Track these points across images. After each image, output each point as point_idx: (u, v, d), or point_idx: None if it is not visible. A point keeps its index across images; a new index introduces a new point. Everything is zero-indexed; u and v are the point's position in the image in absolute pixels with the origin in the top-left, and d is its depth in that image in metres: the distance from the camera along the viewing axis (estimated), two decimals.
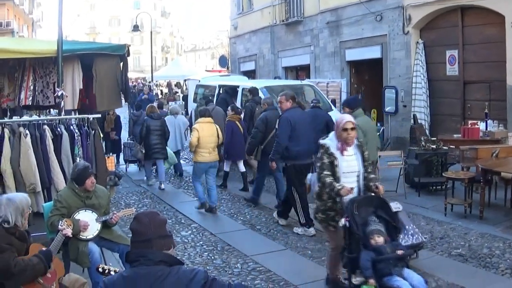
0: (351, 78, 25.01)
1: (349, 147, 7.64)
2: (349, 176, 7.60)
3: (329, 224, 7.78)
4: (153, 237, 3.95)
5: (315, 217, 8.18)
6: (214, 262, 9.93)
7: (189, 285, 3.76)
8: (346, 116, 8.04)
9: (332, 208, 7.66)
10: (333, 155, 7.56)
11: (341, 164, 7.54)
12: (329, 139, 7.78)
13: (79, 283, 6.42)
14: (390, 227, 7.16)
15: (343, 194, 7.23)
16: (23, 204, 5.93)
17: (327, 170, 7.53)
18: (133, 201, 14.42)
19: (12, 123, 10.41)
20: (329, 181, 7.40)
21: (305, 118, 11.60)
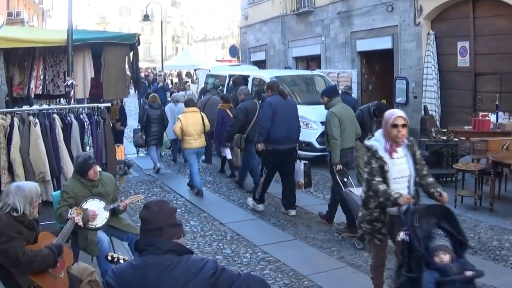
0: (362, 69, 24.95)
1: (399, 148, 6.76)
2: (399, 182, 6.74)
3: (375, 237, 6.94)
4: (162, 226, 3.92)
5: (360, 226, 7.22)
6: (223, 252, 9.94)
7: (198, 274, 3.74)
8: (396, 110, 7.06)
9: (379, 219, 6.82)
10: (382, 159, 6.63)
11: (392, 169, 6.64)
12: (376, 139, 6.83)
13: (87, 272, 6.42)
14: (455, 242, 6.18)
15: (402, 203, 6.28)
16: (32, 192, 5.92)
17: (378, 175, 6.61)
18: (143, 190, 14.42)
19: (22, 112, 10.42)
20: (383, 189, 6.46)
21: (285, 106, 12.11)
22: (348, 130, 10.97)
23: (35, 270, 5.64)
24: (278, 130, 11.79)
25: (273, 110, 11.80)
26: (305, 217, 11.96)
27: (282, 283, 8.44)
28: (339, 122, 10.78)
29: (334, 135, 10.65)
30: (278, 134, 11.80)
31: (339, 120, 10.78)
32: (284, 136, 11.87)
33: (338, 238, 10.48)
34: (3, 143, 9.96)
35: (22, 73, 12.76)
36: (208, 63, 36.16)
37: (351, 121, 11.22)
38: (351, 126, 11.14)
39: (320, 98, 13.36)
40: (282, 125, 11.82)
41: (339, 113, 10.86)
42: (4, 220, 5.64)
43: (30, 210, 5.85)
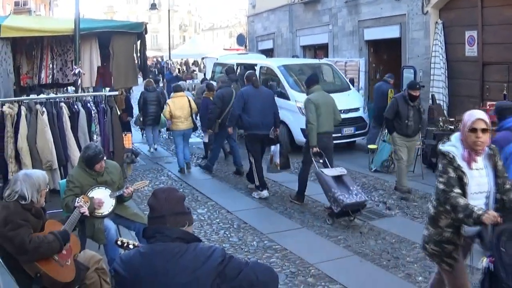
0: (370, 58, 24.86)
1: (479, 157, 5.65)
2: (477, 198, 5.60)
3: (443, 261, 5.87)
4: (169, 213, 3.92)
5: (425, 247, 6.18)
6: (230, 240, 9.97)
7: (206, 262, 3.73)
8: (476, 112, 5.81)
9: (451, 241, 5.77)
10: (461, 168, 5.55)
11: (470, 182, 5.54)
12: (452, 144, 5.78)
13: (94, 260, 6.43)
14: None
15: (488, 222, 5.13)
16: (40, 180, 5.92)
17: (456, 187, 5.50)
18: (150, 178, 14.45)
19: (29, 100, 10.45)
20: (464, 204, 5.31)
21: (257, 95, 13.09)
22: (324, 115, 11.77)
23: (41, 257, 5.64)
24: (251, 117, 12.85)
25: (245, 99, 12.91)
26: (312, 205, 11.98)
27: (289, 271, 8.45)
28: (315, 108, 11.64)
29: (310, 120, 11.60)
30: (251, 120, 12.86)
31: (315, 106, 11.65)
32: (258, 122, 12.86)
33: (345, 227, 10.50)
34: (10, 131, 9.99)
35: (29, 62, 12.80)
36: (215, 52, 36.13)
37: (328, 108, 11.97)
38: (327, 112, 11.90)
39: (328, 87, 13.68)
40: (255, 113, 12.84)
41: (315, 100, 11.76)
42: (11, 207, 5.65)
43: (37, 198, 5.85)
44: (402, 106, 12.18)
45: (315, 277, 8.22)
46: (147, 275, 3.75)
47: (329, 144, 12.19)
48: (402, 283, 7.97)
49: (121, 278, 3.86)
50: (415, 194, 12.48)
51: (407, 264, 8.63)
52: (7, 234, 5.50)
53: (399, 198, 12.23)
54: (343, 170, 11.45)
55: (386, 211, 11.50)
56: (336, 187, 10.78)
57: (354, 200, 10.56)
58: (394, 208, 11.61)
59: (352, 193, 10.71)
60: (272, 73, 18.84)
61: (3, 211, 5.66)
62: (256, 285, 3.78)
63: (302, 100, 13.93)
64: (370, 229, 10.36)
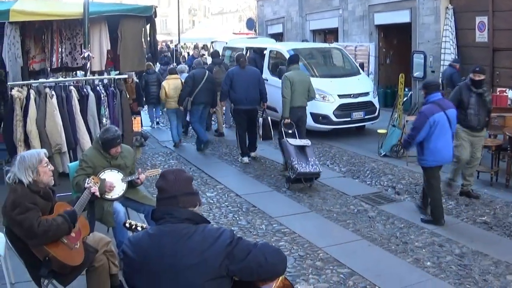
0: (380, 42, 24.79)
1: None
2: None
3: None
4: (178, 194, 3.92)
5: None
6: (239, 223, 9.99)
7: (214, 243, 3.73)
8: None
9: None
10: None
11: None
12: None
13: (103, 242, 6.43)
14: None
15: None
16: (33, 159, 5.80)
17: None
18: (159, 162, 14.49)
19: (38, 84, 10.45)
20: None
21: (243, 74, 14.69)
22: (298, 92, 13.29)
23: (50, 240, 5.63)
24: (237, 93, 14.56)
25: (231, 78, 14.65)
26: (321, 189, 11.96)
27: (297, 254, 8.46)
28: (290, 84, 13.14)
29: (284, 94, 13.16)
30: (237, 96, 14.58)
31: (291, 83, 13.15)
32: (243, 98, 14.51)
33: (354, 211, 10.51)
34: (19, 115, 10.00)
35: (37, 46, 12.79)
36: (224, 36, 36.07)
37: (303, 85, 13.47)
38: (302, 89, 13.40)
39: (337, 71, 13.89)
40: (240, 90, 14.50)
41: (291, 77, 13.23)
42: (19, 190, 5.63)
43: (35, 177, 5.75)
44: (465, 93, 11.05)
45: (324, 261, 8.23)
46: (155, 256, 3.76)
47: (302, 117, 13.62)
48: (410, 268, 7.96)
49: (130, 259, 3.87)
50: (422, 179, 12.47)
51: (416, 249, 8.61)
52: (15, 218, 5.50)
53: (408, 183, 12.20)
54: (308, 142, 12.66)
55: (395, 196, 11.48)
56: (295, 156, 12.04)
57: (308, 170, 11.82)
58: (403, 193, 11.59)
59: (309, 164, 11.95)
60: (281, 57, 18.78)
61: (11, 195, 5.64)
62: (264, 266, 3.78)
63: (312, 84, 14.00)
64: (378, 213, 10.35)
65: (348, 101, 16.98)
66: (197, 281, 3.66)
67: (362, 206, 10.77)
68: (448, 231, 9.30)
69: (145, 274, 3.79)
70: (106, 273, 6.25)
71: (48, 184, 5.96)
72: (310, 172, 11.83)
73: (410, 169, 13.33)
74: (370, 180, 12.63)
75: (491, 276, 7.61)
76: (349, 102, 17.00)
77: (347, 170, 13.54)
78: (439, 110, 9.45)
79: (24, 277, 6.68)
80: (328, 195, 11.59)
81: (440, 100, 9.69)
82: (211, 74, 16.55)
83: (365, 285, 7.43)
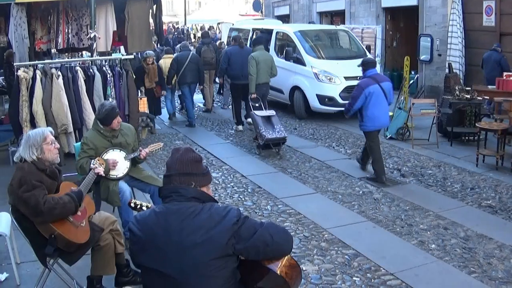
0: (387, 25, 24.65)
1: None
2: None
3: None
4: (186, 173, 3.92)
5: None
6: (244, 204, 10.00)
7: (221, 222, 3.74)
8: None
9: None
10: None
11: None
12: None
13: (109, 221, 6.42)
14: None
15: None
16: (37, 137, 5.80)
17: None
18: (164, 142, 14.44)
19: (44, 65, 10.46)
20: None
21: (239, 53, 16.31)
22: (262, 70, 15.21)
23: (56, 218, 5.64)
24: (233, 70, 16.15)
25: (228, 56, 16.25)
26: (327, 171, 11.98)
27: (303, 235, 8.48)
28: (256, 63, 15.02)
29: (251, 73, 14.99)
30: (233, 73, 16.21)
31: (256, 62, 15.03)
32: (238, 75, 16.02)
33: (359, 193, 10.53)
34: (25, 95, 10.03)
35: (44, 27, 12.80)
36: (231, 17, 35.98)
37: (267, 64, 15.41)
38: (266, 67, 15.33)
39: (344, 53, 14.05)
40: (236, 67, 16.02)
41: (256, 57, 15.09)
42: (26, 168, 5.65)
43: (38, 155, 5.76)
44: None
45: (329, 242, 8.25)
46: (162, 234, 3.77)
47: (266, 92, 15.75)
48: (415, 250, 7.97)
49: (136, 237, 3.88)
50: (429, 162, 12.47)
51: (421, 231, 8.63)
52: (22, 196, 5.51)
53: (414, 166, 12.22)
54: (273, 112, 14.24)
55: (400, 178, 11.48)
56: (263, 125, 13.47)
57: (274, 136, 13.22)
58: (408, 175, 11.59)
59: (275, 131, 13.37)
60: (288, 38, 18.73)
61: (18, 173, 5.65)
62: (271, 245, 3.78)
63: (318, 66, 14.12)
64: (384, 195, 10.36)
65: (354, 83, 16.79)
66: (203, 259, 3.67)
67: (367, 188, 10.78)
68: (453, 214, 9.31)
69: (152, 252, 3.79)
70: (111, 252, 6.27)
71: (53, 161, 5.95)
72: (276, 137, 13.23)
73: (415, 152, 13.33)
74: None
75: (496, 259, 7.62)
76: (356, 84, 16.94)
77: (352, 152, 13.52)
78: (373, 83, 11.08)
79: (30, 257, 6.73)
80: (333, 176, 11.59)
81: (376, 75, 11.50)
82: (195, 54, 17.49)
83: (370, 266, 7.45)
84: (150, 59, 15.65)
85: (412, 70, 18.54)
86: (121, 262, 6.52)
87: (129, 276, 6.57)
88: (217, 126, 16.85)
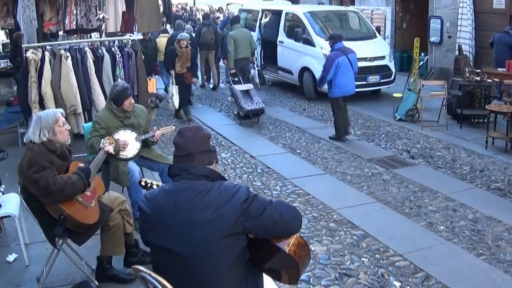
0: (396, 6, 24.48)
1: None
2: None
3: None
4: (195, 152, 3.91)
5: None
6: (253, 184, 10.02)
7: (230, 200, 3.72)
8: None
9: None
10: None
11: None
12: None
13: (118, 201, 6.42)
14: None
15: None
16: (49, 119, 5.78)
17: None
18: (174, 123, 14.46)
19: (53, 46, 10.45)
20: None
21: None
22: (241, 46, 16.61)
23: (66, 198, 5.64)
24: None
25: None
26: (336, 152, 11.99)
27: (311, 216, 8.51)
28: (234, 41, 16.40)
29: (230, 50, 16.43)
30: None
31: (234, 41, 16.41)
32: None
33: (368, 174, 10.53)
34: (34, 77, 10.01)
35: (52, 8, 12.75)
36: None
37: (245, 40, 16.83)
38: (245, 43, 16.74)
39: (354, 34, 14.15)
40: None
41: (234, 35, 16.49)
42: (36, 149, 5.63)
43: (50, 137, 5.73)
44: None
45: (337, 223, 8.27)
46: (171, 212, 3.77)
47: (245, 67, 16.94)
48: (424, 231, 7.99)
49: (146, 215, 3.89)
50: (438, 144, 12.45)
51: (429, 213, 8.63)
52: (32, 177, 5.51)
53: (423, 148, 12.22)
54: (251, 86, 15.46)
55: (409, 159, 11.47)
56: (242, 98, 14.68)
57: (253, 107, 14.53)
58: (417, 157, 11.58)
59: (254, 102, 14.66)
60: (297, 19, 18.66)
61: (28, 153, 5.64)
62: (280, 223, 3.78)
63: (327, 47, 14.07)
64: (393, 177, 10.36)
65: (364, 65, 16.86)
66: (212, 237, 3.67)
67: (376, 169, 10.78)
68: (462, 196, 9.31)
69: (161, 230, 3.80)
70: (121, 232, 6.27)
71: (65, 143, 5.93)
72: (255, 108, 14.55)
73: (425, 133, 13.31)
74: (385, 144, 12.62)
75: (504, 242, 7.63)
76: (365, 65, 16.88)
77: (362, 134, 13.53)
78: (342, 55, 12.41)
79: (39, 237, 6.79)
80: (342, 157, 11.59)
81: (343, 47, 12.67)
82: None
83: (378, 247, 7.46)
84: (184, 41, 14.53)
85: (422, 52, 18.45)
86: (130, 242, 6.53)
87: (138, 256, 6.58)
88: (226, 107, 16.85)
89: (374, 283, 6.55)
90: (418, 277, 6.69)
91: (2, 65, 14.01)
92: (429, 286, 6.48)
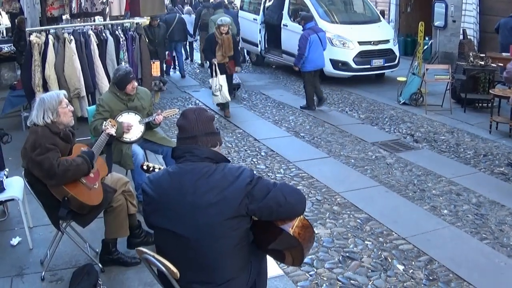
0: None
1: None
2: None
3: None
4: (199, 134, 3.89)
5: None
6: (257, 167, 10.02)
7: (234, 182, 3.72)
8: None
9: None
10: None
11: None
12: None
13: (121, 182, 6.41)
14: None
15: None
16: (52, 101, 5.74)
17: None
18: (178, 107, 14.42)
19: (57, 29, 10.44)
20: None
21: None
22: None
23: (70, 180, 5.63)
24: None
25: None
26: (340, 135, 11.97)
27: (315, 199, 8.51)
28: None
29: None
30: None
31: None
32: None
33: (372, 157, 10.52)
34: (37, 60, 10.02)
35: None
36: None
37: None
38: None
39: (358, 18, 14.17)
40: None
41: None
42: (39, 132, 5.61)
43: (53, 119, 5.70)
44: None
45: (341, 206, 8.28)
46: (175, 194, 3.76)
47: None
48: (427, 215, 7.99)
49: (150, 198, 3.89)
50: (442, 128, 12.44)
51: (433, 196, 8.63)
52: (35, 159, 5.49)
53: (427, 132, 12.21)
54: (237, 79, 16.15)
55: (413, 143, 11.46)
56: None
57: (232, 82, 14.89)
58: (421, 141, 11.57)
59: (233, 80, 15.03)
60: (302, 3, 18.57)
61: (32, 136, 5.62)
62: (284, 206, 3.78)
63: (332, 31, 14.13)
64: (396, 160, 10.35)
65: (368, 48, 16.87)
66: (216, 219, 3.67)
67: (380, 153, 10.78)
68: (466, 180, 9.30)
69: (165, 212, 3.80)
70: (124, 213, 6.27)
71: (68, 124, 5.91)
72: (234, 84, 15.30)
73: (429, 117, 13.30)
74: (388, 128, 12.60)
75: (507, 226, 7.63)
76: (369, 49, 16.88)
77: (365, 117, 13.51)
78: (313, 33, 13.89)
79: (43, 220, 6.78)
80: (346, 141, 11.58)
81: (313, 26, 14.24)
82: (181, 17, 19.84)
83: (382, 231, 7.47)
84: (225, 27, 13.23)
85: (426, 36, 18.39)
86: (133, 223, 6.54)
87: (141, 237, 6.59)
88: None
89: (378, 266, 6.56)
90: (422, 260, 6.70)
91: (6, 49, 14.04)
92: (432, 269, 6.49)
